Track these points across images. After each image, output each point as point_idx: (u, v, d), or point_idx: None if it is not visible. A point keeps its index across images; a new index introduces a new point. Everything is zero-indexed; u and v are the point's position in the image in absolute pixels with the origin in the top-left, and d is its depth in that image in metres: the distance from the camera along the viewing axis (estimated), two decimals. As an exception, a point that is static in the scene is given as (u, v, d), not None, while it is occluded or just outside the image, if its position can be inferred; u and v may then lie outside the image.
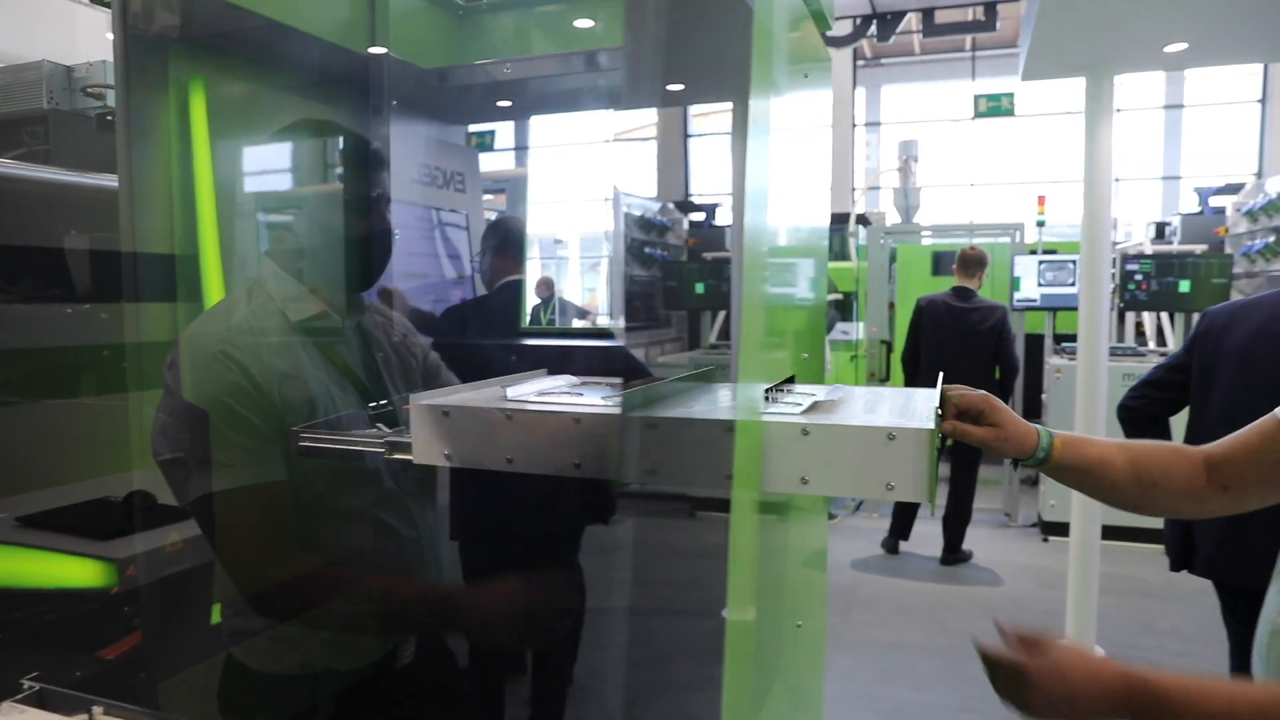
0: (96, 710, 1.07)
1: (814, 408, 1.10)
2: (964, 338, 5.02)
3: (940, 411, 1.08)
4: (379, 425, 1.41)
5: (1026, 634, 1.02)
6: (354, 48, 2.07)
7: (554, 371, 1.51)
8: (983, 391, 1.25)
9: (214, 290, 1.85)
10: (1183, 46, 3.45)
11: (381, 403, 1.47)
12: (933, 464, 0.97)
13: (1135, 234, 9.09)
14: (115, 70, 1.56)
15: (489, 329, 2.54)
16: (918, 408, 1.14)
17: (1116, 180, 13.88)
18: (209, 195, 1.83)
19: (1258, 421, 1.32)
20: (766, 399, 1.21)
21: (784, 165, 1.34)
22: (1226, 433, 2.11)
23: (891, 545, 5.52)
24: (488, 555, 2.40)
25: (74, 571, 2.01)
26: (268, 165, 1.93)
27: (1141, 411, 2.47)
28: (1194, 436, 2.39)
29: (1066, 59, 3.69)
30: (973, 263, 5.12)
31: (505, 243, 2.63)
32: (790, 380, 1.53)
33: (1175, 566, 2.45)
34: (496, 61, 2.21)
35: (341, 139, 1.55)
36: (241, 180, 1.88)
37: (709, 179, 14.79)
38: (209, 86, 1.74)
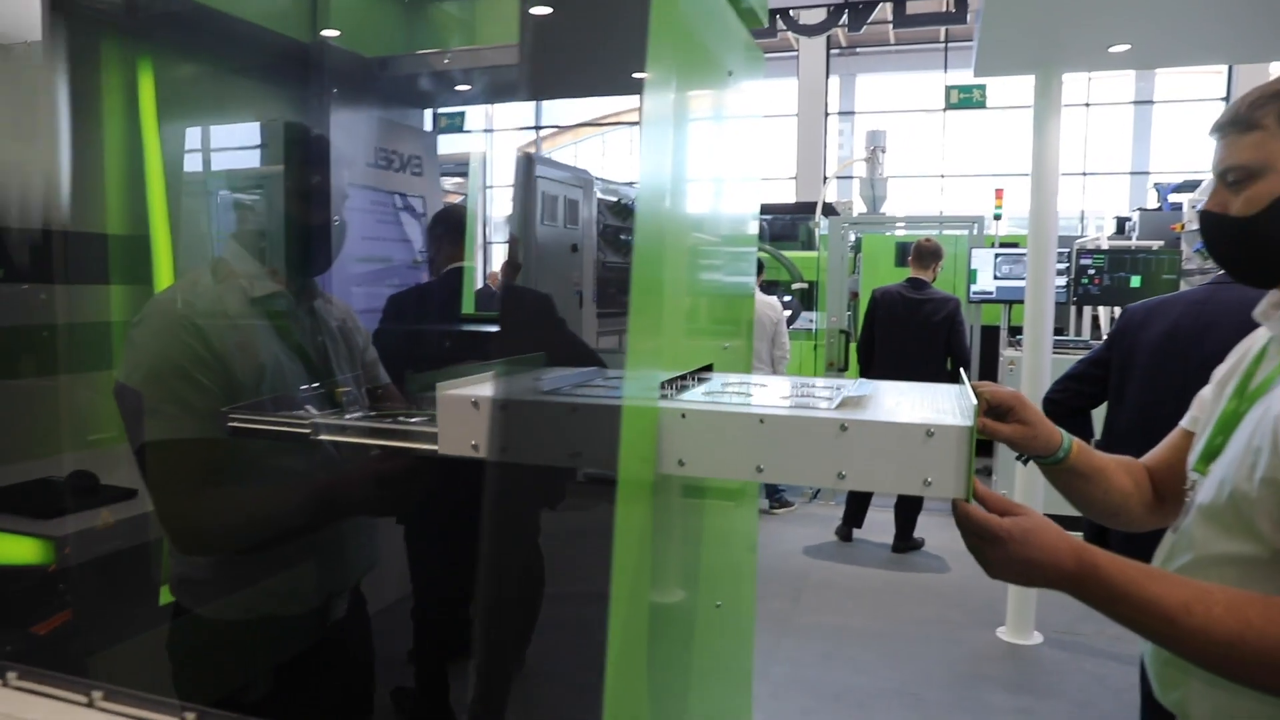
0: (11, 675, 1.11)
1: (845, 403, 1.11)
2: (917, 329, 5.11)
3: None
4: (307, 407, 1.47)
5: (1001, 500, 1.08)
6: (296, 35, 2.09)
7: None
8: (1013, 389, 1.30)
9: (164, 271, 1.88)
10: (1126, 48, 3.53)
11: (314, 385, 1.53)
12: (971, 460, 0.99)
13: (1108, 227, 9.24)
14: (43, 51, 1.59)
15: (431, 316, 2.57)
16: (946, 404, 1.15)
17: (1084, 175, 14.02)
18: (158, 178, 1.86)
19: (1171, 433, 1.42)
20: (673, 386, 1.26)
21: (693, 156, 1.37)
22: (1141, 426, 2.22)
23: (845, 533, 5.63)
24: (434, 539, 2.43)
25: (12, 549, 2.03)
26: (215, 152, 1.96)
27: (1064, 404, 2.56)
28: (1111, 430, 2.48)
29: (1016, 57, 3.77)
30: (927, 255, 5.20)
31: (448, 230, 2.66)
32: (708, 368, 1.58)
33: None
34: (437, 52, 2.24)
35: (289, 128, 1.62)
36: (186, 164, 1.91)
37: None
38: (121, 75, 1.78)
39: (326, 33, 2.19)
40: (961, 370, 1.44)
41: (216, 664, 1.50)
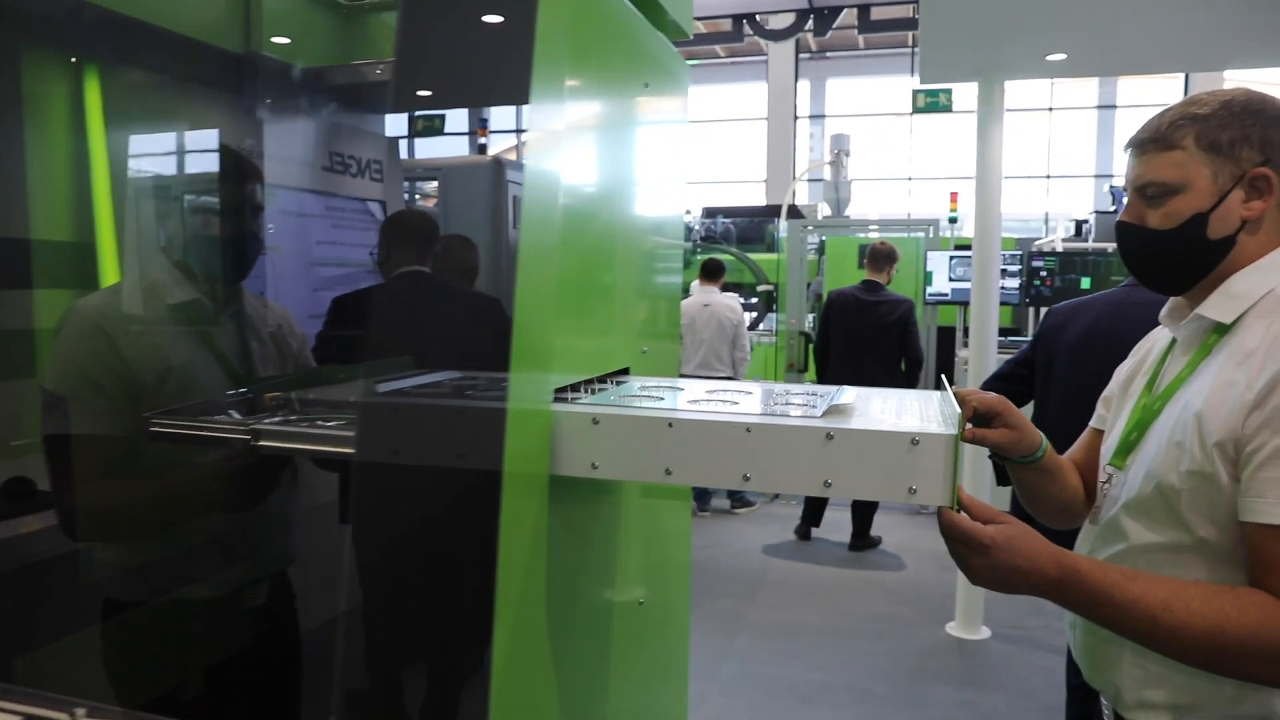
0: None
1: (830, 411, 1.13)
2: (871, 330, 5.19)
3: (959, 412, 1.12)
4: (230, 411, 1.50)
5: (985, 508, 1.10)
6: (228, 47, 2.12)
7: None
8: (998, 395, 1.34)
9: (109, 277, 1.91)
10: (1062, 57, 3.62)
11: (242, 390, 1.57)
12: (956, 468, 1.01)
13: (1069, 230, 9.40)
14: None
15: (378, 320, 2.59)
16: (929, 411, 1.18)
17: (1048, 178, 14.18)
18: (104, 185, 1.89)
19: (1083, 434, 1.50)
20: (590, 389, 1.30)
21: (593, 161, 1.42)
22: (1064, 424, 2.29)
23: (804, 532, 5.69)
24: (381, 539, 2.46)
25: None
26: (143, 164, 2.00)
27: (991, 404, 2.62)
28: (1037, 427, 2.55)
29: (958, 65, 3.85)
30: (881, 257, 5.28)
31: (397, 233, 2.69)
32: (624, 372, 1.63)
33: None
34: (370, 63, 2.27)
35: (213, 141, 1.68)
36: (120, 176, 1.95)
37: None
38: (62, 84, 1.80)
39: (277, 40, 2.22)
40: (943, 377, 1.47)
41: (137, 650, 1.57)
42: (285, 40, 2.25)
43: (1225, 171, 1.19)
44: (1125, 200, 1.31)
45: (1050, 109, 14.11)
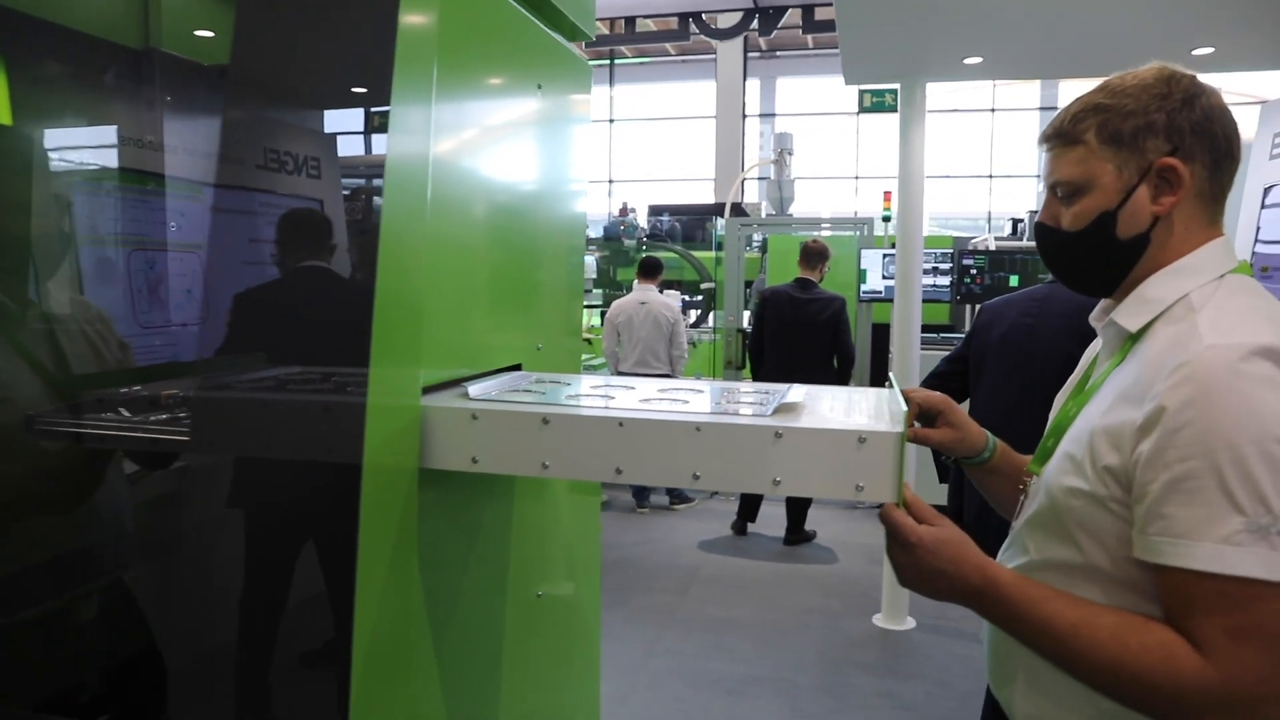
0: None
1: (779, 410, 1.13)
2: (803, 328, 5.26)
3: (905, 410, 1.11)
4: (121, 409, 1.50)
5: (926, 510, 1.09)
6: (127, 43, 2.10)
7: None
8: (941, 394, 1.34)
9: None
10: (979, 60, 3.71)
11: (135, 388, 1.56)
12: (901, 465, 1.02)
13: (1005, 228, 9.60)
14: None
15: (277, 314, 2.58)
16: (876, 409, 1.19)
17: (990, 177, 14.42)
18: None
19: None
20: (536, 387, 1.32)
21: (467, 162, 1.44)
22: (994, 420, 2.36)
23: (740, 527, 5.76)
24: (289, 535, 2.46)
25: None
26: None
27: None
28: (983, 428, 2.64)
29: (880, 67, 3.93)
30: (814, 255, 5.36)
31: (292, 228, 2.68)
32: (516, 368, 1.65)
33: None
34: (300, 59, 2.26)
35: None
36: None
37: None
38: None
39: (201, 33, 2.20)
40: (892, 375, 1.50)
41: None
42: (200, 34, 2.24)
43: (1130, 165, 1.10)
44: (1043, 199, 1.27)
45: (993, 110, 14.40)
